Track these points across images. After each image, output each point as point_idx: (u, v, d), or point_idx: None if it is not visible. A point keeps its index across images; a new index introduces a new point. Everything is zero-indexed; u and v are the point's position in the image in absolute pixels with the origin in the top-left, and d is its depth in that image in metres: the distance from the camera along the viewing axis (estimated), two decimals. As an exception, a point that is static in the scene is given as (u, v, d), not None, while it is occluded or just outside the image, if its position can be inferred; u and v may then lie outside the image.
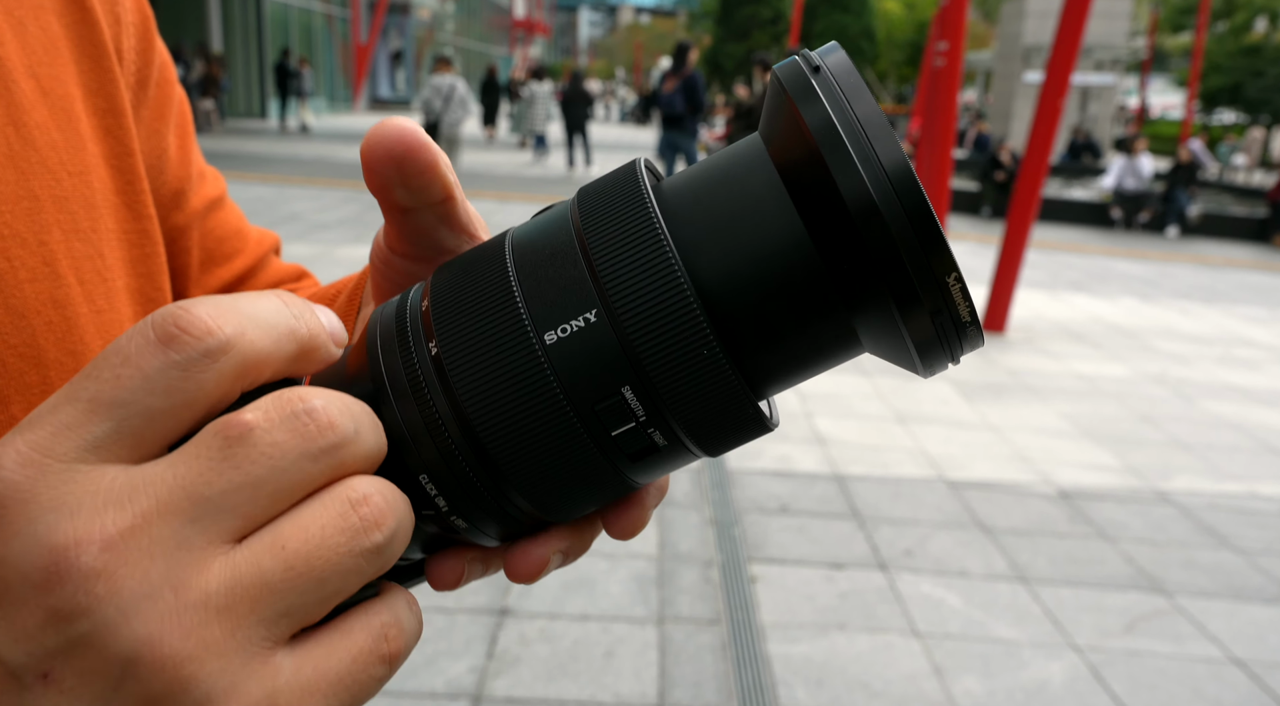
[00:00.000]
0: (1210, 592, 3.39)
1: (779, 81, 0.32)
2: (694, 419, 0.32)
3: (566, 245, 0.32)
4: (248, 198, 10.92)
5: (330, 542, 0.27)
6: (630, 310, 0.31)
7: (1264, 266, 12.49)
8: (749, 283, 0.31)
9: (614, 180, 0.34)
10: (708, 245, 0.31)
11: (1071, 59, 6.48)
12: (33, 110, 0.44)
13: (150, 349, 0.26)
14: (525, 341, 0.31)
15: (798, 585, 3.23)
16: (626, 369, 0.31)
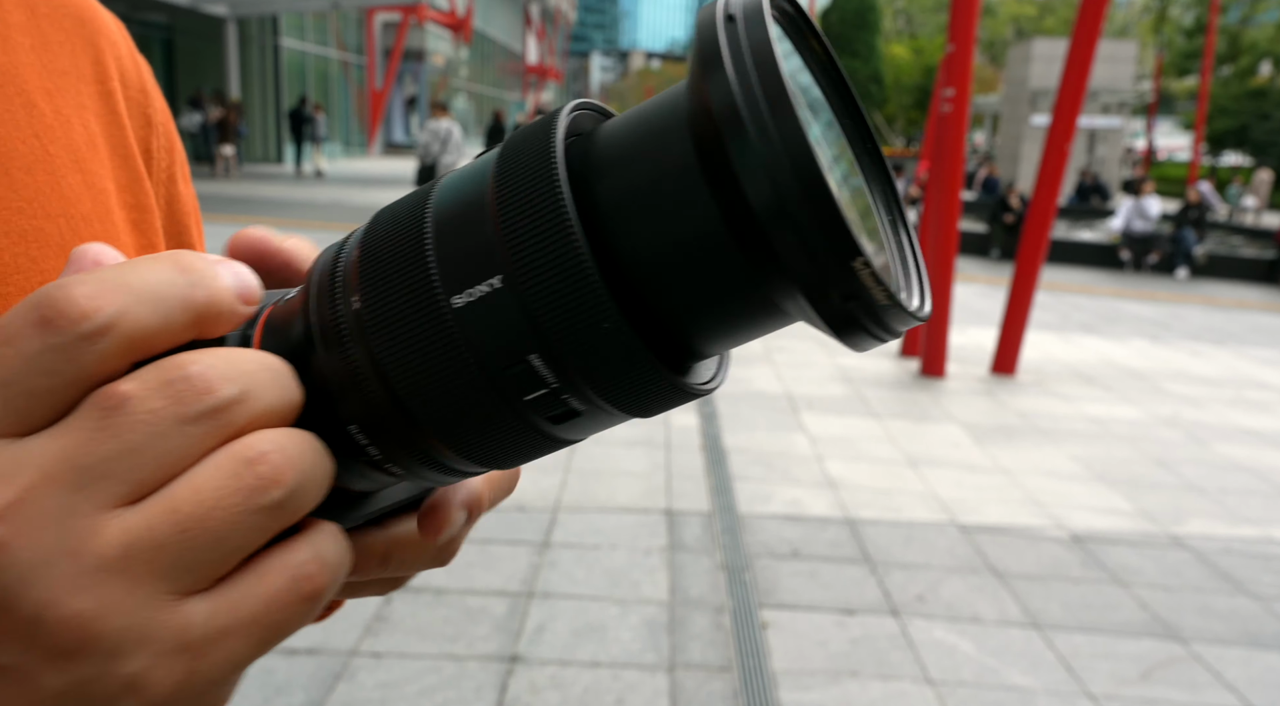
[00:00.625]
0: (1226, 639, 3.36)
1: (695, 34, 0.30)
2: (609, 388, 0.31)
3: (478, 204, 0.31)
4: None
5: (225, 502, 0.28)
6: (532, 279, 0.30)
7: (1274, 308, 12.47)
8: (660, 257, 0.30)
9: (533, 132, 0.32)
10: (623, 210, 0.30)
11: (1078, 102, 6.54)
12: (78, 202, 0.47)
13: (30, 330, 0.27)
14: (434, 303, 0.31)
15: (809, 631, 3.22)
16: (531, 337, 0.31)
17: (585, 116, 0.34)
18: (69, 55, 0.51)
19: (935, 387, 6.63)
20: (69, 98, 0.50)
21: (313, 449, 0.31)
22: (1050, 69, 23.81)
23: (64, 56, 0.50)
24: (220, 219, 12.83)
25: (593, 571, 3.53)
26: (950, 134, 6.68)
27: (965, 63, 6.59)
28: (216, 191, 16.61)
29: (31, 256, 0.44)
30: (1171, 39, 48.05)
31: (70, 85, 0.50)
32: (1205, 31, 30.46)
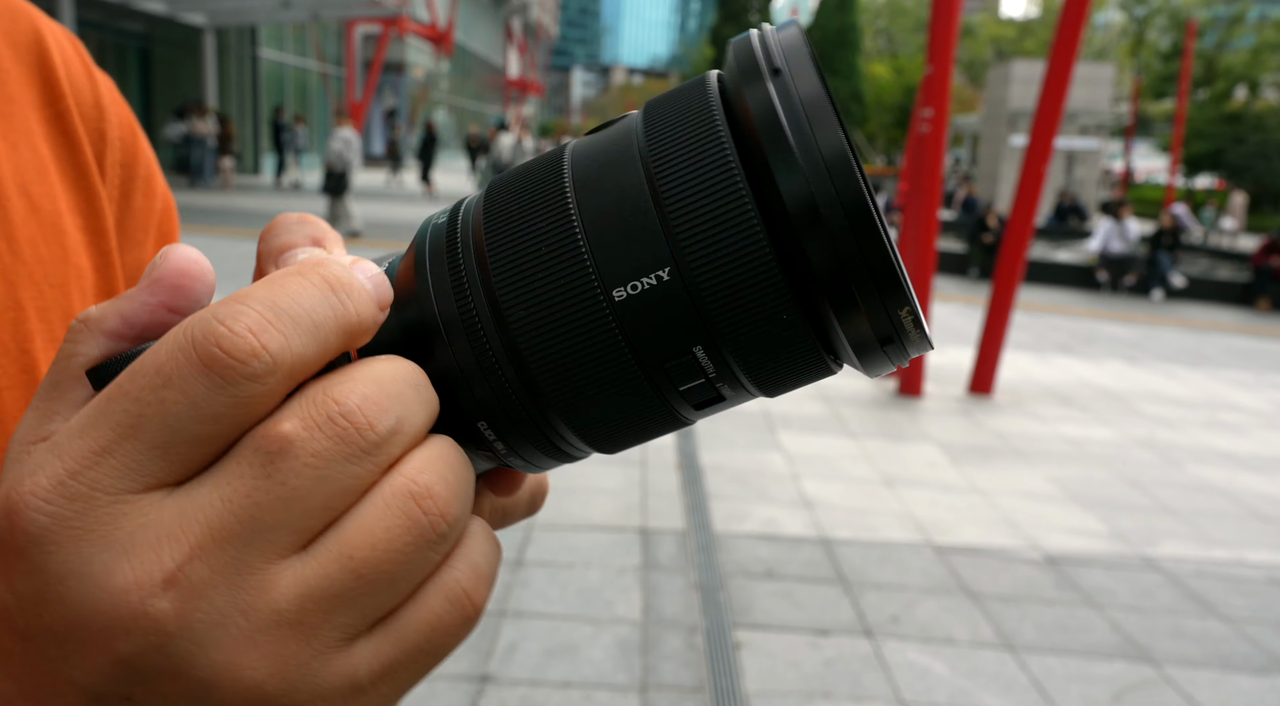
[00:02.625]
0: (1198, 662, 3.37)
1: (734, 66, 0.30)
2: (766, 374, 0.31)
3: (635, 188, 0.30)
4: (240, 254, 10.95)
5: (397, 543, 0.27)
6: (706, 269, 0.29)
7: (1249, 330, 12.60)
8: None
9: (684, 100, 0.31)
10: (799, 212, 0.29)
11: (1055, 123, 6.60)
12: (23, 225, 0.47)
13: (193, 371, 0.25)
14: (592, 296, 0.30)
15: (783, 652, 3.20)
16: (700, 330, 0.30)
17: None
18: (16, 81, 0.51)
19: (912, 407, 6.65)
20: (15, 125, 0.49)
21: (465, 467, 0.30)
22: (1029, 90, 24.05)
23: (11, 82, 0.50)
24: (198, 229, 12.76)
25: (566, 590, 3.50)
26: (928, 154, 6.72)
27: (944, 83, 6.64)
28: (199, 203, 16.52)
29: None
30: (1149, 62, 48.70)
31: (17, 112, 0.50)
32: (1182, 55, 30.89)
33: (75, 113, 0.53)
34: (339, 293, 0.28)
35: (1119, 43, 54.22)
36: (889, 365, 0.31)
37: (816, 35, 47.44)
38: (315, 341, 0.27)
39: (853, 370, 0.33)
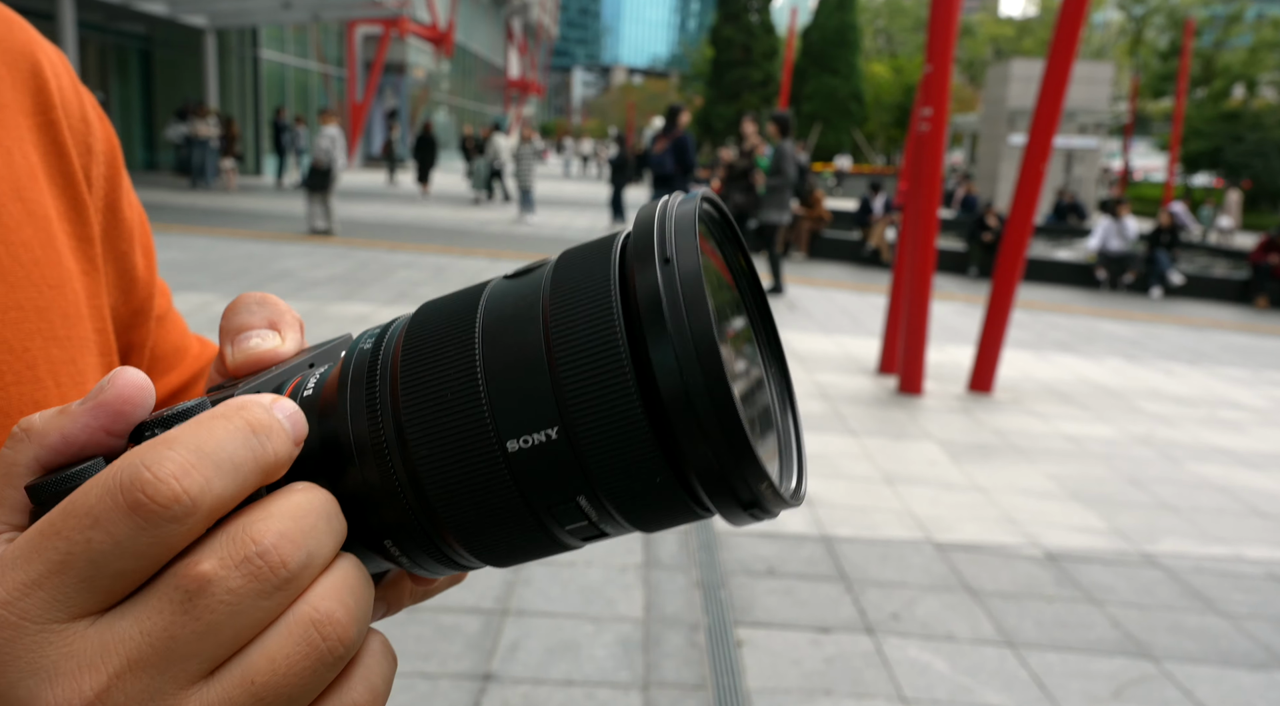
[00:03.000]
0: (1197, 658, 3.38)
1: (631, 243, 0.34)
2: (644, 521, 0.34)
3: (533, 348, 0.33)
4: (240, 255, 10.97)
5: (297, 667, 0.29)
6: (589, 433, 0.32)
7: (1247, 328, 12.62)
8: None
9: (590, 264, 0.34)
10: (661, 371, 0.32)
11: (1054, 122, 6.61)
12: (19, 229, 0.49)
13: (119, 515, 0.27)
14: (487, 444, 0.33)
15: (784, 649, 3.21)
16: (583, 482, 0.33)
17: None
18: (9, 89, 0.52)
19: (912, 405, 6.66)
20: (9, 131, 0.51)
21: (366, 589, 0.32)
22: (1028, 89, 24.06)
23: (4, 90, 0.52)
24: (200, 230, 12.76)
25: (567, 589, 3.51)
26: (928, 153, 6.73)
27: (943, 83, 6.66)
28: (201, 204, 16.53)
29: None
30: (1147, 61, 48.71)
31: (10, 118, 0.51)
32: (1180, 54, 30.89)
33: (64, 123, 0.55)
34: (259, 435, 0.30)
35: (1117, 41, 54.20)
36: (755, 521, 0.34)
37: (815, 35, 47.45)
38: (235, 482, 0.29)
39: (850, 367, 0.36)
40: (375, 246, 12.58)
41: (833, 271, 14.63)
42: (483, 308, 0.35)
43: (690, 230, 0.33)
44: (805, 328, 9.43)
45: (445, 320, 0.35)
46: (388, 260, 11.43)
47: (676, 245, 0.33)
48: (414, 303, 8.76)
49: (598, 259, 0.34)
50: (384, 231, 14.37)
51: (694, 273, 0.32)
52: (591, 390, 0.32)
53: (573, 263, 0.34)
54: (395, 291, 9.32)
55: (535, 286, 0.34)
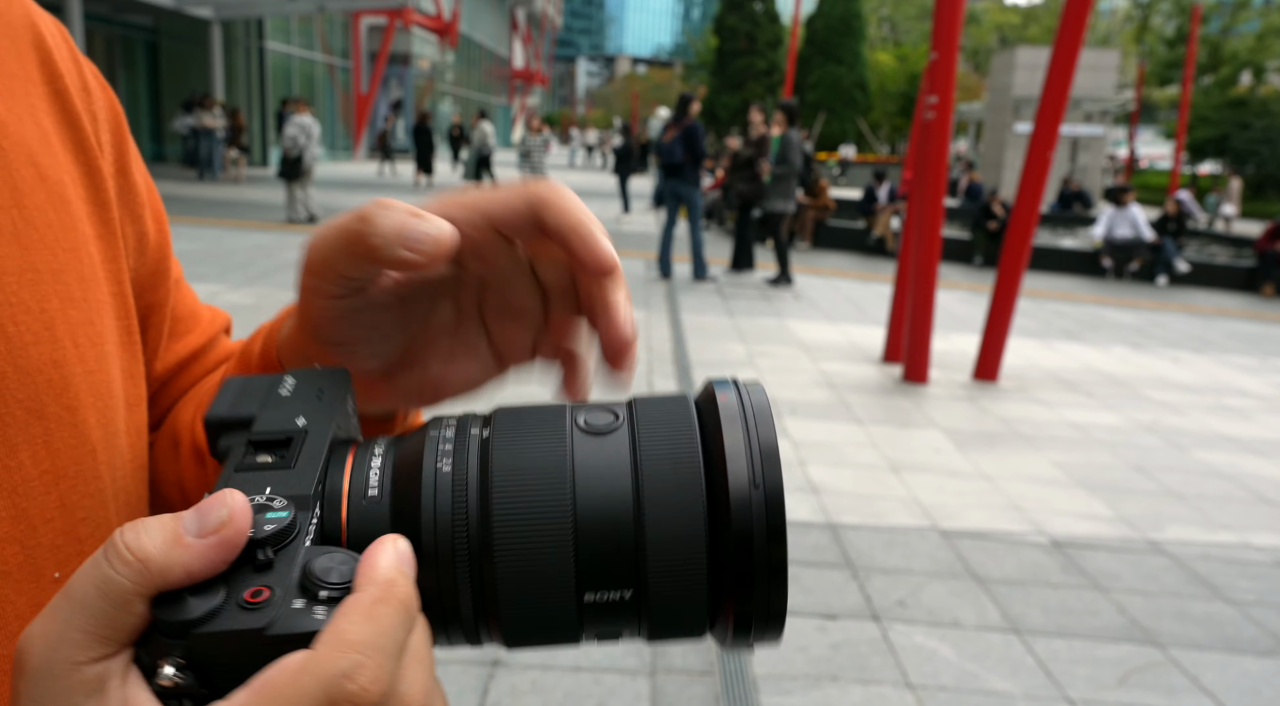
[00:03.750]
0: (1204, 645, 3.39)
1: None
2: (663, 642, 0.41)
3: (624, 523, 0.38)
4: (247, 245, 10.98)
5: None
6: (659, 600, 0.38)
7: (1253, 315, 12.59)
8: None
9: (675, 459, 0.39)
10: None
11: (1060, 110, 6.59)
12: (32, 193, 0.49)
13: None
14: (567, 592, 0.38)
15: (790, 636, 3.23)
16: (637, 628, 0.40)
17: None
18: (16, 58, 0.52)
19: (918, 393, 6.67)
20: (19, 98, 0.51)
21: None
22: (1034, 77, 23.96)
23: (11, 59, 0.52)
24: (208, 221, 12.79)
25: (575, 576, 3.52)
26: (933, 141, 6.72)
27: (949, 70, 6.64)
28: (208, 195, 16.55)
29: None
30: (1153, 48, 48.47)
31: (19, 87, 0.52)
32: (1186, 41, 30.73)
33: (71, 91, 0.55)
34: (411, 613, 0.34)
35: (1123, 28, 53.92)
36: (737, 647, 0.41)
37: (820, 23, 47.26)
38: (399, 663, 0.32)
39: (855, 356, 0.39)
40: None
41: (837, 260, 14.62)
42: (573, 469, 0.39)
43: (775, 455, 0.39)
44: (810, 316, 9.43)
45: (537, 476, 0.39)
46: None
47: (764, 473, 0.39)
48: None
49: (686, 450, 0.39)
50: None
51: (779, 504, 0.38)
52: (671, 574, 0.38)
53: (657, 446, 0.39)
54: (401, 282, 9.32)
55: (620, 454, 0.39)
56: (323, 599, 0.33)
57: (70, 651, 0.31)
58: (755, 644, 0.40)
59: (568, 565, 0.38)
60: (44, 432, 0.47)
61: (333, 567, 0.34)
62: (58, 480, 0.47)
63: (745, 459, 0.38)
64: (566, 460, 0.39)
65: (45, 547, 0.46)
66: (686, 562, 0.38)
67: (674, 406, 0.41)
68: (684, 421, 0.40)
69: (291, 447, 0.39)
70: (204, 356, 0.69)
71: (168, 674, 0.31)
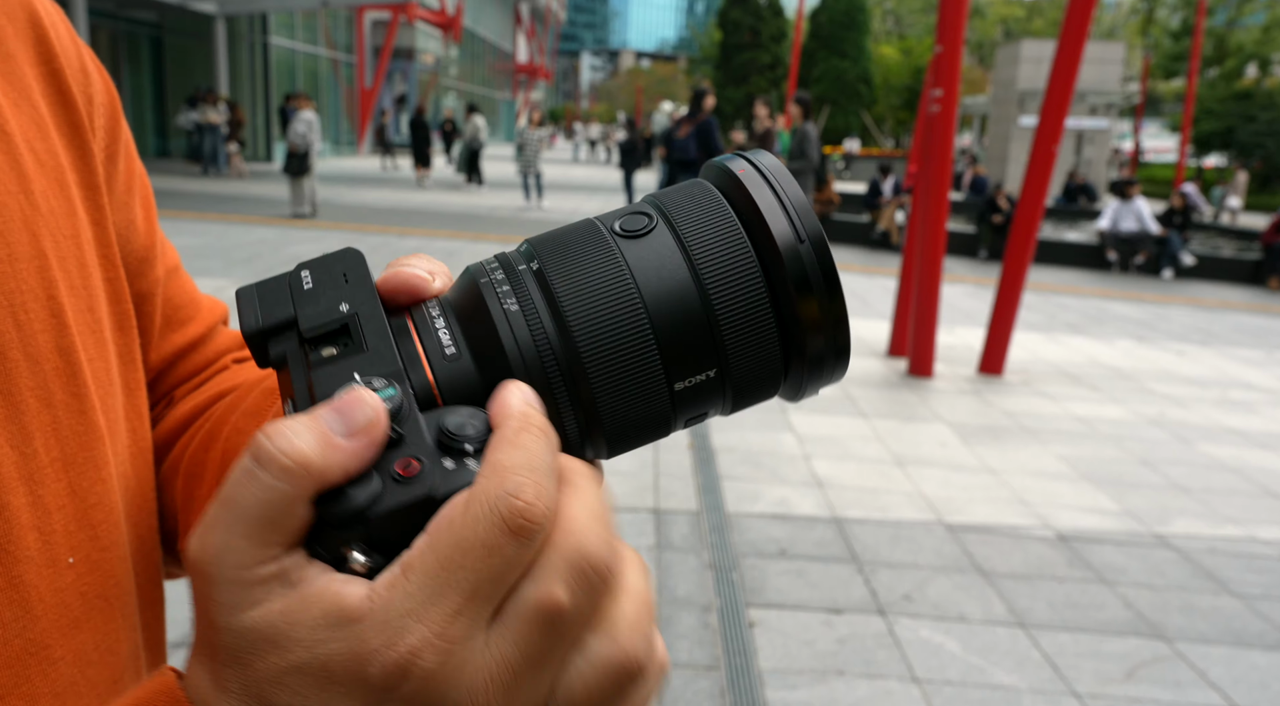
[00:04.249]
0: (1210, 638, 3.38)
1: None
2: (743, 407, 0.44)
3: (695, 308, 0.40)
4: (252, 240, 10.99)
5: (606, 693, 0.34)
6: (740, 371, 0.41)
7: (1259, 308, 12.55)
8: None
9: (722, 235, 0.41)
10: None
11: (1065, 103, 6.56)
12: (35, 179, 0.49)
13: (508, 541, 0.32)
14: (660, 388, 0.40)
15: (796, 630, 3.23)
16: (722, 402, 0.42)
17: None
18: (13, 39, 0.52)
19: (922, 387, 6.66)
20: (15, 81, 0.51)
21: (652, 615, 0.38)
22: (1038, 70, 23.87)
23: (8, 40, 0.52)
24: (212, 216, 12.79)
25: (580, 570, 3.52)
26: (938, 134, 6.70)
27: (954, 63, 6.61)
28: (211, 190, 16.56)
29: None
30: (1158, 41, 48.30)
31: (16, 68, 0.52)
32: (1192, 34, 30.62)
33: (68, 72, 0.55)
34: (550, 437, 0.35)
35: (1128, 21, 53.75)
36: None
37: (824, 17, 47.14)
38: (557, 485, 0.34)
39: (860, 350, 0.39)
40: (385, 232, 12.59)
41: (841, 254, 14.59)
42: (634, 276, 0.40)
43: (808, 206, 0.41)
44: (815, 311, 9.41)
45: (602, 289, 0.40)
46: (398, 245, 11.45)
47: (804, 225, 0.41)
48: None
49: (726, 226, 0.41)
50: (393, 217, 14.38)
51: (825, 249, 0.41)
52: (747, 344, 0.40)
53: (699, 230, 0.41)
54: (405, 277, 9.31)
55: (668, 247, 0.41)
56: (470, 452, 0.35)
57: (237, 558, 0.32)
58: (828, 383, 0.43)
59: (654, 362, 0.39)
60: (53, 421, 0.47)
61: (464, 422, 0.36)
62: (67, 466, 0.47)
63: (784, 217, 0.41)
64: (623, 266, 0.40)
65: (60, 533, 0.46)
66: (758, 328, 0.40)
67: (696, 190, 0.43)
68: (712, 201, 0.42)
69: (352, 332, 0.39)
70: (204, 345, 0.69)
71: (360, 560, 0.33)
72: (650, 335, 0.39)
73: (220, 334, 0.71)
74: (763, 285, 0.40)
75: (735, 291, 0.40)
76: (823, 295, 0.40)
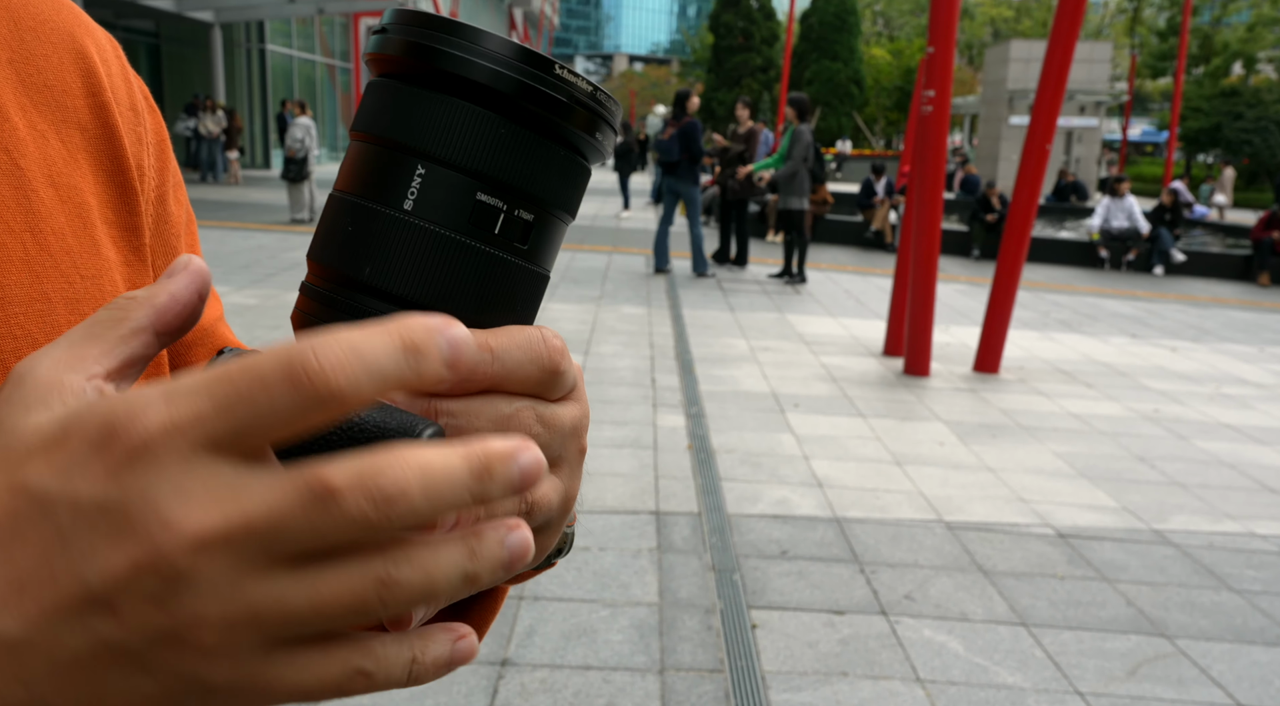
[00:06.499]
0: (1212, 635, 3.39)
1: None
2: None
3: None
4: (251, 246, 10.96)
5: (349, 615, 0.31)
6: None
7: (1250, 304, 12.60)
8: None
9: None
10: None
11: (1057, 103, 6.59)
12: (50, 217, 0.47)
13: (282, 384, 0.29)
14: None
15: (799, 631, 3.22)
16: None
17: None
18: (54, 69, 0.50)
19: (919, 386, 6.66)
20: (50, 112, 0.49)
21: (439, 581, 0.32)
22: (1028, 70, 23.95)
23: (49, 70, 0.50)
24: (211, 223, 12.76)
25: (582, 574, 3.52)
26: (931, 134, 6.71)
27: (946, 64, 6.63)
28: (210, 197, 16.51)
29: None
30: (1145, 40, 48.51)
31: (53, 99, 0.50)
32: (1178, 33, 30.74)
33: (114, 108, 0.53)
34: (410, 354, 0.31)
35: (1115, 21, 53.97)
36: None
37: (814, 19, 47.24)
38: (374, 386, 0.30)
39: (856, 349, 0.37)
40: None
41: (836, 254, 14.61)
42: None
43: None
44: (811, 310, 9.43)
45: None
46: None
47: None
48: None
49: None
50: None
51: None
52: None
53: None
54: (399, 282, 9.30)
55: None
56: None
57: (59, 361, 0.34)
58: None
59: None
60: None
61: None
62: None
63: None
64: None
65: None
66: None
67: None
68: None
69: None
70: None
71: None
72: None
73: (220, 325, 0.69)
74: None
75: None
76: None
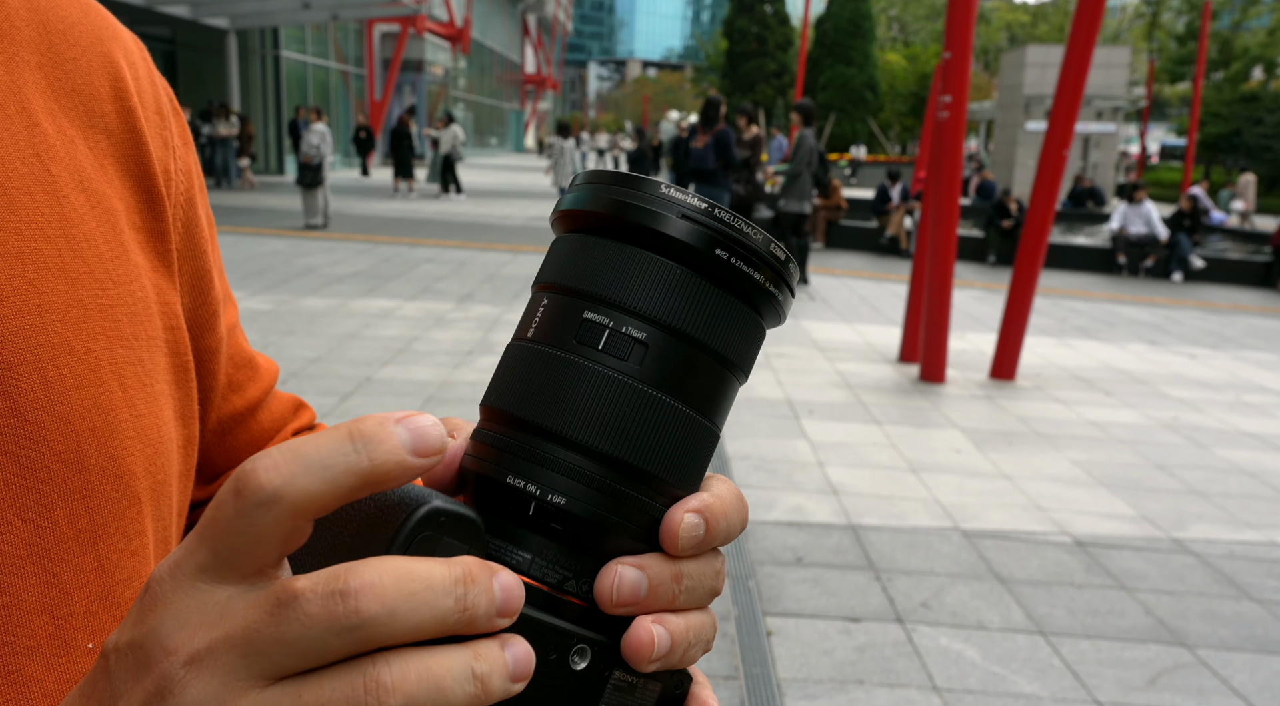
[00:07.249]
0: (1232, 645, 3.36)
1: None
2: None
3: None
4: (265, 252, 11.03)
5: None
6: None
7: (1270, 311, 12.49)
8: None
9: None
10: None
11: (1074, 109, 6.56)
12: (81, 223, 0.47)
13: (229, 498, 0.31)
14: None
15: (814, 639, 3.21)
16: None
17: None
18: (83, 73, 0.50)
19: (935, 393, 6.64)
20: (78, 117, 0.49)
21: (446, 681, 0.31)
22: (1044, 75, 23.86)
23: (77, 74, 0.50)
24: (225, 229, 12.82)
25: (597, 580, 3.52)
26: (948, 140, 6.70)
27: (962, 69, 6.61)
28: (225, 202, 16.62)
29: (28, 278, 0.43)
30: (1164, 45, 48.27)
31: (81, 104, 0.49)
32: (1197, 37, 30.57)
33: (140, 113, 0.53)
34: (357, 441, 0.31)
35: (1134, 25, 53.72)
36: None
37: (829, 24, 47.19)
38: (322, 481, 0.30)
39: (871, 356, 0.36)
40: (397, 242, 12.63)
41: (851, 260, 14.58)
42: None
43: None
44: (826, 317, 9.41)
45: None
46: (410, 255, 11.48)
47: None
48: (437, 297, 8.79)
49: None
50: (404, 227, 14.42)
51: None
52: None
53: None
54: (418, 286, 9.35)
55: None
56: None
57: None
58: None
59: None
60: (83, 486, 0.44)
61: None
62: (96, 539, 0.44)
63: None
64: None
65: (79, 615, 0.43)
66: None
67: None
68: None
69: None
70: (261, 411, 0.67)
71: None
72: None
73: (276, 399, 0.68)
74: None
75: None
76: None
